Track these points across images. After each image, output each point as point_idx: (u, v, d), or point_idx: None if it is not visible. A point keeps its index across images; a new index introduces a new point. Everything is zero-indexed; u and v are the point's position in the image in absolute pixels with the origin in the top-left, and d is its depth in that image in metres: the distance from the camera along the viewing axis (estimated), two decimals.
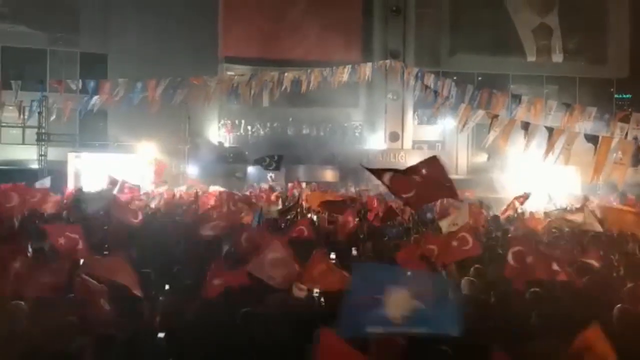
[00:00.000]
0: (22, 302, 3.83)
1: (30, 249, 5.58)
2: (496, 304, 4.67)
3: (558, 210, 10.87)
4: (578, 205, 11.44)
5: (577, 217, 8.67)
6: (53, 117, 18.54)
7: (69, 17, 21.61)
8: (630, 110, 16.81)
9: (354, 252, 7.44)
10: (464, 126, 16.00)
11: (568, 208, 11.40)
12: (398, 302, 2.78)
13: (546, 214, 11.03)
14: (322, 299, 4.89)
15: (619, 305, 4.20)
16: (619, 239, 8.17)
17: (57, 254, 5.55)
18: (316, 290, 4.85)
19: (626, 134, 12.65)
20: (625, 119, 13.91)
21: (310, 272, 4.65)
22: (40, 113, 18.80)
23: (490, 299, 4.76)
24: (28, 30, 21.28)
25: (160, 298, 4.94)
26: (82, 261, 5.22)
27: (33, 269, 4.44)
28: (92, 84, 17.50)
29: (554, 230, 9.12)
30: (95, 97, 17.35)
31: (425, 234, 7.30)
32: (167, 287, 5.42)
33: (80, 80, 18.33)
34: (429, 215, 10.81)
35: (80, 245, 5.70)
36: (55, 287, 4.25)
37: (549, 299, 4.67)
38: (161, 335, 3.88)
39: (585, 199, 13.17)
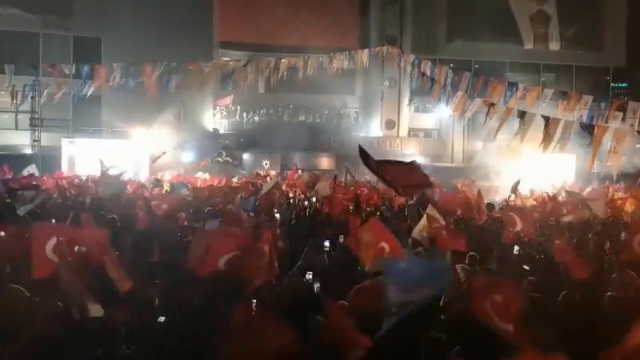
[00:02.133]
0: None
1: None
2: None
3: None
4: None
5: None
6: (44, 100, 18.32)
7: (62, 0, 21.31)
8: (626, 98, 16.82)
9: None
10: (461, 114, 16.00)
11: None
12: None
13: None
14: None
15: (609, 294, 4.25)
16: (612, 225, 8.20)
17: None
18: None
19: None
20: (621, 108, 13.94)
21: None
22: (33, 98, 18.61)
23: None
24: (20, 13, 20.95)
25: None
26: None
27: None
28: (85, 68, 17.31)
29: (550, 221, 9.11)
30: (89, 82, 17.17)
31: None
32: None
33: (73, 65, 18.12)
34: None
35: None
36: None
37: (547, 289, 4.68)
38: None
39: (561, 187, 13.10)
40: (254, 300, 3.84)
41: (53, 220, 6.70)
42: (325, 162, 22.01)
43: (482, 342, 3.14)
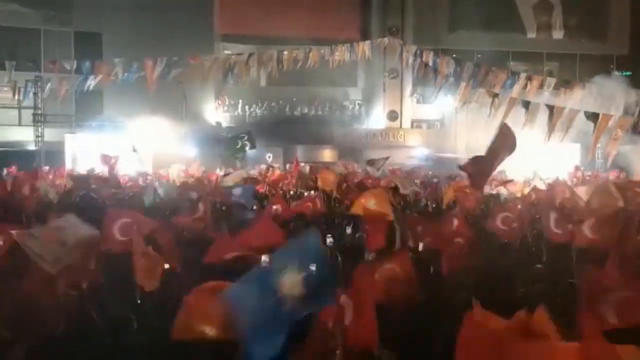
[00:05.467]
0: None
1: None
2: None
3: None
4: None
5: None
6: (46, 95, 18.32)
7: None
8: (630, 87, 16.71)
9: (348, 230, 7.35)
10: (463, 105, 15.95)
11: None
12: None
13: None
14: None
15: None
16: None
17: None
18: None
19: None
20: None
21: None
22: (35, 94, 18.63)
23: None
24: (21, 9, 20.94)
25: None
26: None
27: None
28: (87, 63, 17.29)
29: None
30: (91, 77, 17.15)
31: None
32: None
33: (74, 60, 18.11)
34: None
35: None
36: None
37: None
38: None
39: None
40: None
41: None
42: (327, 155, 21.99)
43: None
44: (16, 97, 18.06)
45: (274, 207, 6.96)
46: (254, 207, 7.93)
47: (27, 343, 2.98)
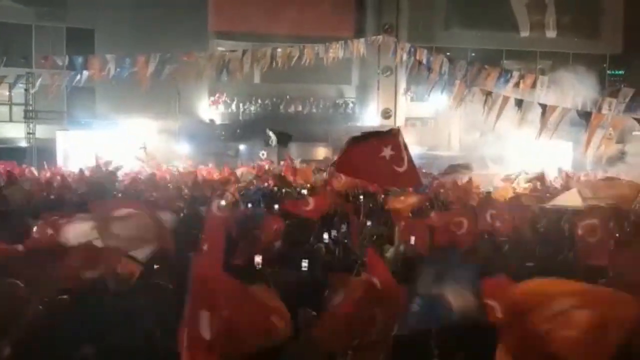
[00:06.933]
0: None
1: None
2: None
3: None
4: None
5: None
6: (36, 90, 18.14)
7: None
8: (622, 86, 16.82)
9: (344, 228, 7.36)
10: (458, 104, 16.00)
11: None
12: None
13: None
14: None
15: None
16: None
17: None
18: None
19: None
20: (615, 95, 13.98)
21: None
22: (26, 90, 18.46)
23: None
24: (13, 5, 20.72)
25: None
26: None
27: None
28: (79, 59, 17.14)
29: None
30: (83, 73, 17.01)
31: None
32: None
33: (67, 56, 17.95)
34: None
35: None
36: None
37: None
38: None
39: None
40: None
41: None
42: (322, 153, 21.95)
43: None
44: (7, 93, 17.91)
45: None
46: None
47: None
